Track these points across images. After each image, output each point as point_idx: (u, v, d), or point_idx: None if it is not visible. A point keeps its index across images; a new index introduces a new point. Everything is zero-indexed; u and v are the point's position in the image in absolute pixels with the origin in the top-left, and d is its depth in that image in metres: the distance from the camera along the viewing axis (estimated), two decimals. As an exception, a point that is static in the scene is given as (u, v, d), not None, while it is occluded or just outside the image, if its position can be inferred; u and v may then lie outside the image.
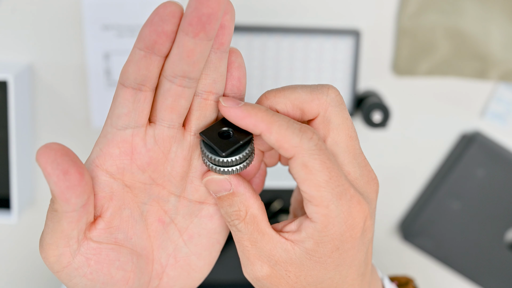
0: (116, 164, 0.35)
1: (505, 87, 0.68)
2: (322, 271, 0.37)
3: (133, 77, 0.33)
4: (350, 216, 0.36)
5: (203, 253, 0.39)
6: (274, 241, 0.36)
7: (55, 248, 0.34)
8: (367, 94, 0.65)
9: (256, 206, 0.36)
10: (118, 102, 0.33)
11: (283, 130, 0.34)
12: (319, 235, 0.36)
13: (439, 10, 0.65)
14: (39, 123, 0.67)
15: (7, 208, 0.64)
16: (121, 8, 0.63)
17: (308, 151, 0.34)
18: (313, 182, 0.35)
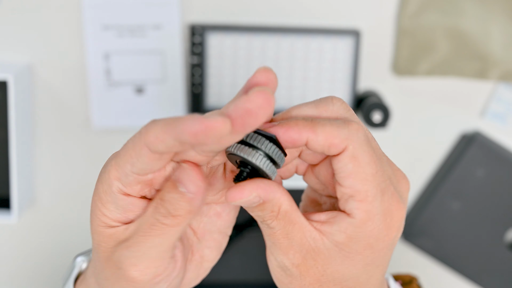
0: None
1: (505, 87, 0.68)
2: (350, 268, 0.37)
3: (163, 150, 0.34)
4: (389, 214, 0.36)
5: (214, 246, 0.41)
6: (304, 229, 0.37)
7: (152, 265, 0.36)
8: (367, 94, 0.65)
9: (287, 201, 0.36)
10: (142, 161, 0.34)
11: (328, 127, 0.34)
12: (354, 231, 0.36)
13: (439, 10, 0.65)
14: (39, 123, 0.67)
15: (7, 208, 0.64)
16: (121, 8, 0.63)
17: (358, 142, 0.34)
18: (360, 175, 0.35)
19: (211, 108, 0.65)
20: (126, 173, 0.35)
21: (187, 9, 0.65)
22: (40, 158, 0.67)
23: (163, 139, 0.33)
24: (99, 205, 0.37)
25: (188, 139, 0.31)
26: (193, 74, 0.65)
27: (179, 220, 0.35)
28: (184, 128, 0.31)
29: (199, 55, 0.64)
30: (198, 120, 0.30)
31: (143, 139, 0.34)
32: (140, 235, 0.36)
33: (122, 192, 0.36)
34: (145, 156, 0.34)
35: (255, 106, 0.30)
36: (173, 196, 0.34)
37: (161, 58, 0.64)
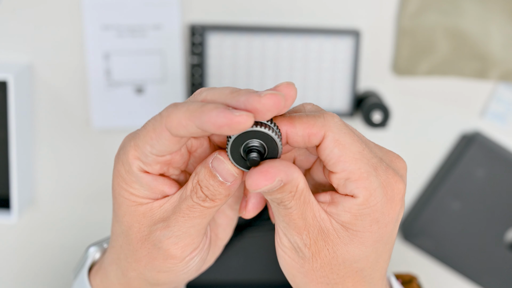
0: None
1: (505, 87, 0.68)
2: (359, 247, 0.37)
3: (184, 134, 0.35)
4: (389, 187, 0.37)
5: (227, 223, 0.43)
6: (314, 209, 0.37)
7: (191, 244, 0.38)
8: (367, 94, 0.65)
9: (302, 180, 0.37)
10: (163, 143, 0.36)
11: (304, 119, 0.36)
12: (358, 209, 0.36)
13: (439, 10, 0.65)
14: (39, 123, 0.67)
15: (7, 208, 0.64)
16: (121, 8, 0.63)
17: (336, 127, 0.36)
18: (348, 156, 0.36)
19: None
20: (145, 153, 0.37)
21: (187, 9, 0.65)
22: (40, 158, 0.67)
23: (186, 125, 0.34)
24: (124, 186, 0.38)
25: (213, 130, 0.33)
26: (193, 74, 0.65)
27: (218, 203, 0.37)
28: (210, 119, 0.32)
29: (199, 55, 0.64)
30: (224, 113, 0.32)
31: (164, 122, 0.35)
32: (180, 215, 0.37)
33: (142, 170, 0.38)
34: (165, 139, 0.36)
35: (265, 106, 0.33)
36: (211, 183, 0.36)
37: (161, 58, 0.64)
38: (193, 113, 0.34)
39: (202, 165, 0.37)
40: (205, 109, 0.33)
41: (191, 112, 0.34)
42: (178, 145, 0.37)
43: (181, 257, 0.39)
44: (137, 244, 0.39)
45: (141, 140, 0.37)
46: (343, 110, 0.66)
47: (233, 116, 0.32)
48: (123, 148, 0.38)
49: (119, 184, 0.39)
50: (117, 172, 0.39)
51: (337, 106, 0.66)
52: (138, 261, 0.40)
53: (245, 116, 0.32)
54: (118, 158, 0.39)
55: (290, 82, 0.35)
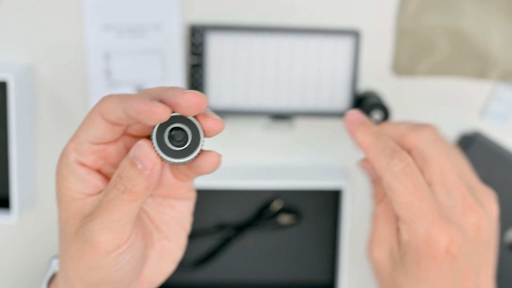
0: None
1: (505, 87, 0.68)
2: (407, 280, 0.44)
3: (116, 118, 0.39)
4: (428, 236, 0.43)
5: (173, 237, 0.45)
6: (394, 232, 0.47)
7: (120, 231, 0.39)
8: (367, 95, 0.65)
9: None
10: (96, 128, 0.39)
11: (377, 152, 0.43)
12: (405, 246, 0.44)
13: (439, 10, 0.65)
14: (39, 123, 0.67)
15: (7, 208, 0.64)
16: (121, 8, 0.63)
17: (392, 175, 0.42)
18: (396, 201, 0.43)
19: (211, 108, 0.65)
20: (81, 142, 0.40)
21: (187, 9, 0.65)
22: (40, 158, 0.67)
23: (114, 109, 0.38)
24: (61, 180, 0.41)
25: (133, 115, 0.36)
26: (193, 74, 0.65)
27: (137, 196, 0.38)
28: (132, 105, 0.36)
29: (199, 55, 0.64)
30: (144, 102, 0.36)
31: (98, 108, 0.39)
32: (101, 209, 0.39)
33: (78, 161, 0.40)
34: (98, 124, 0.39)
35: (192, 101, 0.37)
36: (131, 173, 0.37)
37: (161, 58, 0.64)
38: (121, 99, 0.38)
39: (125, 157, 0.39)
40: (131, 97, 0.37)
41: (120, 98, 0.38)
42: (111, 133, 0.40)
43: (106, 250, 0.39)
44: (70, 240, 0.40)
45: (78, 130, 0.40)
46: (343, 110, 0.66)
47: (151, 105, 0.35)
48: (64, 148, 0.41)
49: (58, 180, 0.41)
50: (57, 168, 0.41)
51: (337, 106, 0.66)
52: (72, 259, 0.40)
53: (162, 108, 0.35)
54: (60, 155, 0.41)
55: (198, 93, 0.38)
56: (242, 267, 0.70)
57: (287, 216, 0.68)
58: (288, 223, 0.69)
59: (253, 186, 0.64)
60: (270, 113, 0.66)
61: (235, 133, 0.68)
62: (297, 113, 0.66)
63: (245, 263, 0.70)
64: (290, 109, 0.66)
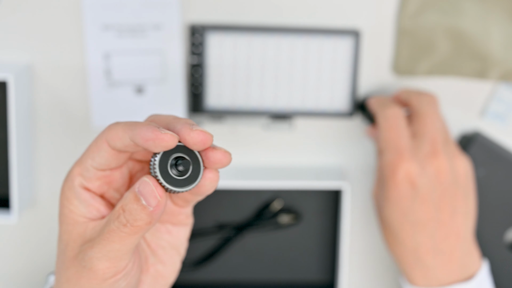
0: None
1: (505, 87, 0.68)
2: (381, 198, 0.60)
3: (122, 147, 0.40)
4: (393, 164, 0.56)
5: (167, 261, 0.45)
6: None
7: (119, 260, 0.40)
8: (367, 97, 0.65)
9: None
10: (102, 155, 0.40)
11: (379, 104, 0.61)
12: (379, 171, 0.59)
13: (439, 10, 0.65)
14: (39, 123, 0.67)
15: (7, 208, 0.64)
16: (121, 8, 0.63)
17: (383, 117, 0.57)
18: (379, 136, 0.59)
19: (211, 108, 0.65)
20: (87, 167, 0.40)
21: (187, 9, 0.65)
22: (40, 158, 0.67)
23: (121, 136, 0.38)
24: (65, 203, 0.41)
25: (141, 142, 0.37)
26: (193, 74, 0.65)
27: (138, 229, 0.38)
28: (139, 132, 0.37)
29: (199, 55, 0.64)
30: (152, 130, 0.36)
31: (104, 135, 0.39)
32: (101, 238, 0.39)
33: (83, 186, 0.41)
34: (104, 151, 0.40)
35: (199, 139, 0.37)
36: (134, 208, 0.38)
37: (161, 58, 0.64)
38: (128, 127, 0.38)
39: (130, 190, 0.39)
40: (138, 125, 0.38)
41: (127, 126, 0.38)
42: (116, 160, 0.40)
43: (103, 277, 0.40)
44: (68, 262, 0.41)
45: (84, 156, 0.41)
46: (343, 110, 0.66)
47: (159, 133, 0.36)
48: (69, 172, 0.42)
49: (62, 202, 0.41)
50: (62, 191, 0.42)
51: (337, 106, 0.66)
52: (68, 281, 0.41)
53: (170, 135, 0.36)
54: (65, 178, 0.42)
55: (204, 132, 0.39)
56: (242, 267, 0.70)
57: (287, 216, 0.68)
58: (288, 223, 0.69)
59: (253, 186, 0.64)
60: (270, 113, 0.66)
61: (235, 133, 0.68)
62: (297, 113, 0.66)
63: (245, 263, 0.70)
64: (290, 109, 0.66)
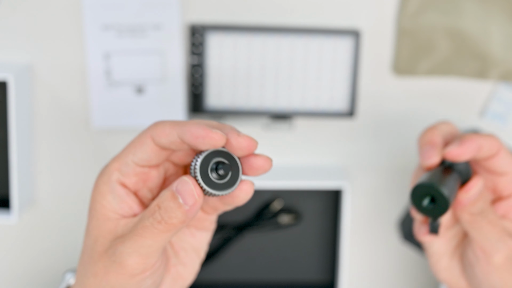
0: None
1: (505, 87, 0.68)
2: None
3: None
4: None
5: (188, 263, 0.46)
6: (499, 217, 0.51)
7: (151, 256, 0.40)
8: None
9: None
10: (144, 150, 0.41)
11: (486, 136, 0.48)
12: None
13: (439, 10, 0.65)
14: (39, 123, 0.67)
15: (7, 208, 0.64)
16: (121, 8, 0.63)
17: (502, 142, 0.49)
18: None
19: (211, 108, 0.65)
20: (126, 162, 0.41)
21: (187, 9, 0.65)
22: (40, 158, 0.67)
23: (168, 133, 0.39)
24: (98, 198, 0.41)
25: (190, 139, 0.38)
26: (193, 74, 0.65)
27: (171, 227, 0.39)
28: (189, 129, 0.38)
29: (199, 55, 0.64)
30: (203, 127, 0.37)
31: (150, 131, 0.40)
32: (134, 234, 0.39)
33: (120, 181, 0.41)
34: (148, 146, 0.40)
35: (245, 144, 0.39)
36: (171, 205, 0.38)
37: (161, 58, 0.64)
38: (177, 124, 0.39)
39: (167, 188, 0.39)
40: (188, 122, 0.39)
41: (175, 123, 0.39)
42: (158, 157, 0.41)
43: (131, 273, 0.40)
44: (97, 257, 0.41)
45: (125, 151, 0.41)
46: (343, 110, 0.66)
47: (209, 131, 0.37)
48: (106, 166, 0.42)
49: (94, 197, 0.42)
50: (95, 185, 0.42)
51: (337, 106, 0.66)
52: (95, 275, 0.41)
53: (220, 134, 0.37)
54: (100, 173, 0.42)
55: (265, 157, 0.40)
56: (242, 267, 0.70)
57: (287, 216, 0.68)
58: (288, 223, 0.69)
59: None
60: (270, 113, 0.66)
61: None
62: (297, 113, 0.66)
63: (245, 263, 0.70)
64: (290, 109, 0.66)
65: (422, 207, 0.46)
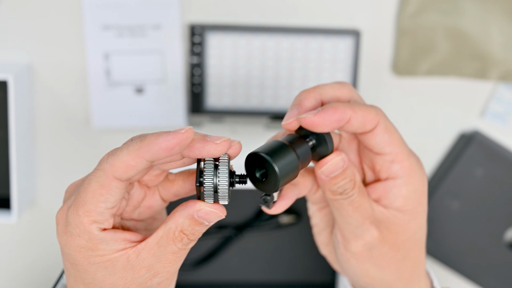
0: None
1: (505, 87, 0.68)
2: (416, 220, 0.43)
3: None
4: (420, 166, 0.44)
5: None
6: (370, 201, 0.43)
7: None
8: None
9: (357, 173, 0.43)
10: (115, 193, 0.38)
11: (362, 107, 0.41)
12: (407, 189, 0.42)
13: (439, 10, 0.65)
14: (39, 123, 0.66)
15: (7, 208, 0.64)
16: (121, 8, 0.63)
17: (385, 118, 0.42)
18: (395, 141, 0.42)
19: (211, 108, 0.65)
20: (100, 212, 0.38)
21: (187, 9, 0.65)
22: (40, 158, 0.67)
23: (135, 164, 0.36)
24: (91, 254, 0.39)
25: (165, 154, 0.35)
26: (193, 74, 0.65)
27: (197, 239, 0.40)
28: (160, 146, 0.35)
29: (199, 55, 0.64)
30: (170, 135, 0.35)
31: (111, 172, 0.37)
32: (167, 262, 0.40)
33: (101, 229, 0.38)
34: (116, 188, 0.37)
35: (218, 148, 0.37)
36: (198, 230, 0.39)
37: (161, 58, 0.64)
38: (139, 150, 0.36)
39: (184, 216, 0.38)
40: (150, 140, 0.36)
41: (136, 150, 0.36)
42: (126, 188, 0.38)
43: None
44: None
45: (91, 203, 0.38)
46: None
47: (179, 133, 0.35)
48: (70, 223, 0.38)
49: (85, 256, 0.39)
50: (76, 247, 0.39)
51: (337, 106, 0.66)
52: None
53: (189, 129, 0.35)
54: (68, 235, 0.39)
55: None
56: (242, 267, 0.70)
57: (287, 216, 0.68)
58: (288, 223, 0.69)
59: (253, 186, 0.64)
60: (270, 113, 0.66)
61: (235, 133, 0.68)
62: (297, 113, 0.66)
63: (245, 263, 0.70)
64: (290, 109, 0.66)
65: (254, 178, 0.41)
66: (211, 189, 0.38)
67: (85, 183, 0.38)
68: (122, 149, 0.36)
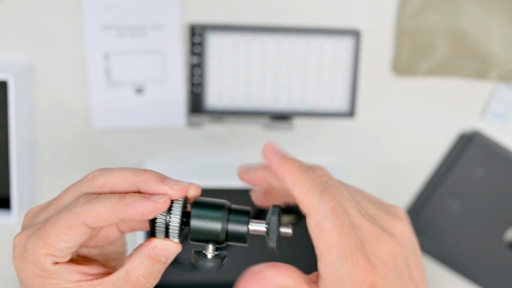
0: None
1: (505, 87, 0.68)
2: None
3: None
4: (354, 278, 0.39)
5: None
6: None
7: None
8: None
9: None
10: (79, 237, 0.39)
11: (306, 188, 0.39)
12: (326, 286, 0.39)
13: (439, 10, 0.65)
14: (39, 123, 0.66)
15: (7, 208, 0.64)
16: (121, 8, 0.63)
17: (322, 213, 0.38)
18: (323, 241, 0.39)
19: (211, 108, 0.65)
20: (59, 249, 0.39)
21: (187, 9, 0.65)
22: (40, 158, 0.67)
23: (108, 218, 0.38)
24: (46, 281, 0.40)
25: (138, 218, 0.37)
26: (193, 74, 0.65)
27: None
28: (136, 211, 0.37)
29: (199, 55, 0.64)
30: (148, 203, 0.37)
31: (82, 219, 0.38)
32: None
33: (55, 263, 0.39)
34: (82, 233, 0.38)
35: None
36: (158, 267, 0.39)
37: (161, 58, 0.64)
38: (115, 208, 0.37)
39: (142, 256, 0.39)
40: (127, 202, 0.37)
41: (112, 207, 0.37)
42: (91, 234, 0.39)
43: None
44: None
45: (54, 239, 0.38)
46: (343, 110, 0.66)
47: (156, 203, 0.37)
48: (27, 250, 0.40)
49: (39, 283, 0.40)
50: (30, 274, 0.40)
51: (337, 106, 0.66)
52: None
53: (167, 200, 0.37)
54: (24, 261, 0.40)
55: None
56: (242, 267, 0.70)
57: (287, 216, 0.68)
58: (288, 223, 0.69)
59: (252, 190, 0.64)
60: (270, 113, 0.66)
61: (235, 133, 0.68)
62: (297, 113, 0.66)
63: (245, 263, 0.70)
64: (290, 109, 0.66)
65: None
66: (163, 226, 0.39)
67: (53, 218, 0.39)
68: (100, 200, 0.38)
